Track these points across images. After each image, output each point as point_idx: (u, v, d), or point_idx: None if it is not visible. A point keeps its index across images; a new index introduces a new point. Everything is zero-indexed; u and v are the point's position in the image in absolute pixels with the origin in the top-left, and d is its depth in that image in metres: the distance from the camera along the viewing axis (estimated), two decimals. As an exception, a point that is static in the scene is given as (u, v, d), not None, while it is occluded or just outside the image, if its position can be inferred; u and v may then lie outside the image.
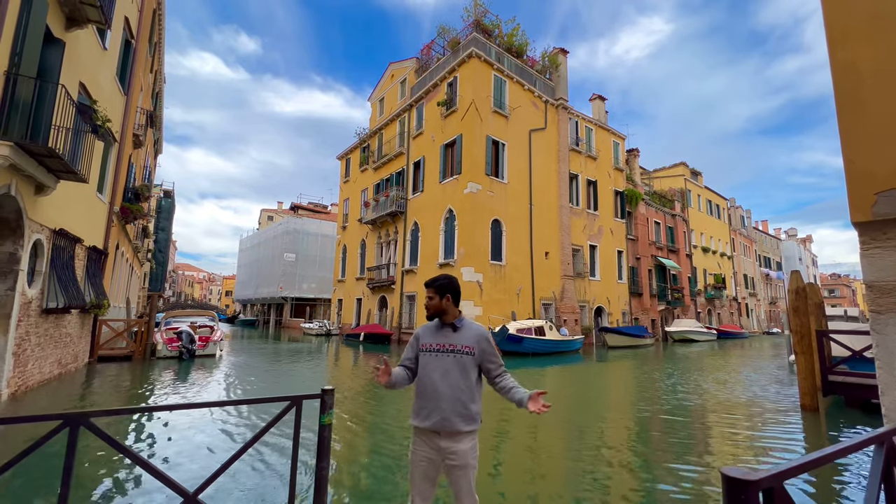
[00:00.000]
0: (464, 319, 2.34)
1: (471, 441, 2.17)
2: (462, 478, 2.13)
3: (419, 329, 2.40)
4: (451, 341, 2.24)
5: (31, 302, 7.23)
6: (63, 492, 1.79)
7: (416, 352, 2.33)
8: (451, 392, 2.16)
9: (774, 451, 5.01)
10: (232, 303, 63.99)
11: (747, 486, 0.95)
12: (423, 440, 2.20)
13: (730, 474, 0.98)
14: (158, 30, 16.25)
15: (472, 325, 2.32)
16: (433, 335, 2.30)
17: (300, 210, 47.87)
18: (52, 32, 6.74)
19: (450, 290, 2.33)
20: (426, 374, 2.24)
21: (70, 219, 8.52)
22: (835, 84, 2.18)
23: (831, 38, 2.21)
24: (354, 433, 5.55)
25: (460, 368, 2.20)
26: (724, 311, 36.75)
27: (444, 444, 2.14)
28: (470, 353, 2.22)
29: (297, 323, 33.82)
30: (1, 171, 5.81)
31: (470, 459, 2.15)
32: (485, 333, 2.30)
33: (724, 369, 13.02)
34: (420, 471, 2.19)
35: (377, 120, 27.60)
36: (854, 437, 1.24)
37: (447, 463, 2.15)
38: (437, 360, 2.23)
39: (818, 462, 1.15)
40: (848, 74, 2.13)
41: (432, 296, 2.31)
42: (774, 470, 1.03)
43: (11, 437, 4.96)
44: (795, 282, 7.36)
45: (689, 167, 37.53)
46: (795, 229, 65.37)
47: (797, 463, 1.10)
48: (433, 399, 2.17)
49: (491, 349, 2.28)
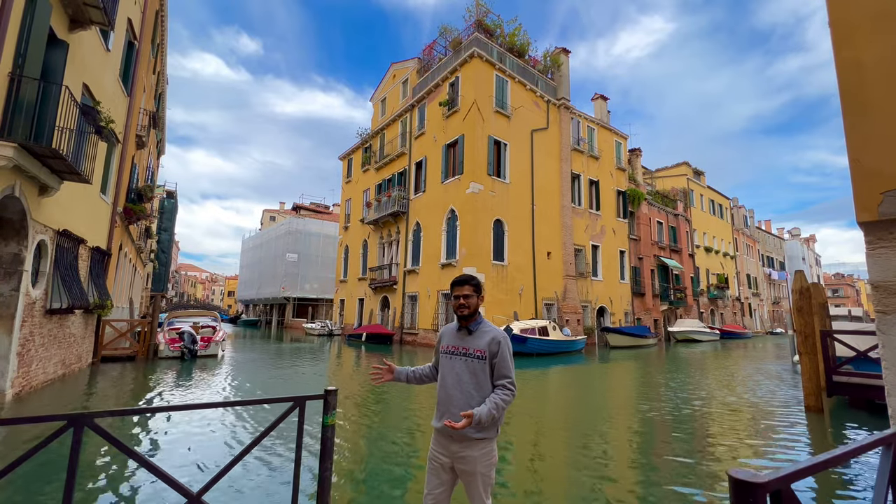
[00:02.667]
0: (482, 322, 2.24)
1: (482, 448, 2.08)
2: (471, 484, 2.08)
3: (443, 329, 2.36)
4: (465, 345, 2.19)
5: (35, 302, 7.26)
6: (67, 492, 1.80)
7: (438, 353, 2.31)
8: (461, 396, 2.11)
9: (779, 453, 4.99)
10: (234, 303, 64.12)
11: (755, 489, 0.95)
12: (439, 441, 2.19)
13: (737, 477, 0.97)
14: (161, 31, 16.31)
15: (488, 329, 2.21)
16: (452, 337, 2.25)
17: (302, 210, 47.95)
18: (56, 34, 6.77)
19: (481, 289, 2.27)
20: (443, 377, 2.22)
21: (74, 219, 8.55)
22: (840, 83, 2.17)
23: (836, 37, 2.19)
24: (357, 433, 5.55)
25: (471, 373, 2.14)
26: (727, 311, 36.63)
27: (455, 448, 2.10)
28: (482, 358, 2.13)
29: (299, 323, 33.87)
30: (5, 172, 5.84)
31: (479, 467, 2.07)
32: (498, 337, 2.16)
33: (728, 370, 12.97)
34: (433, 472, 2.17)
35: (379, 120, 27.63)
36: (861, 438, 1.23)
37: (458, 467, 2.11)
38: (451, 362, 2.20)
39: (826, 464, 1.15)
40: (854, 73, 2.12)
41: (470, 294, 2.20)
42: (782, 472, 1.02)
43: (16, 437, 4.98)
44: (799, 282, 7.32)
45: (691, 167, 37.42)
46: (799, 229, 65.10)
47: (805, 465, 1.09)
48: (445, 402, 2.15)
49: (502, 356, 2.12)
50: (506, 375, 2.11)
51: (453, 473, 2.14)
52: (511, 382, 2.11)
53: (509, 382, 2.10)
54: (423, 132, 22.21)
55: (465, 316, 2.20)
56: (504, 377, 2.11)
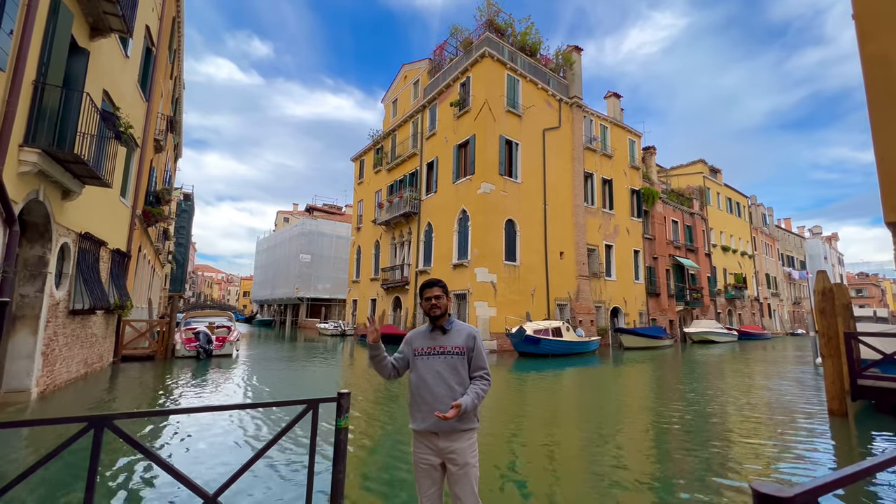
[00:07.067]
0: (453, 321, 2.37)
1: (469, 439, 2.20)
2: (464, 478, 2.15)
3: (410, 333, 2.43)
4: (442, 344, 2.29)
5: (58, 303, 7.47)
6: (88, 492, 1.83)
7: (407, 355, 2.36)
8: (445, 392, 2.20)
9: (801, 460, 4.84)
10: (249, 303, 65.12)
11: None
12: (422, 443, 2.24)
13: (761, 490, 0.93)
14: (178, 37, 16.64)
15: (461, 326, 2.36)
16: (424, 339, 2.34)
17: (315, 211, 48.46)
18: (77, 42, 6.96)
19: (448, 291, 2.43)
20: (420, 378, 2.27)
21: (95, 222, 8.78)
22: (865, 78, 2.09)
23: (862, 31, 2.12)
24: (370, 435, 5.57)
25: (452, 369, 2.24)
26: (745, 311, 35.82)
27: (443, 444, 2.18)
28: (461, 354, 2.27)
29: (312, 323, 34.23)
30: (29, 177, 6.02)
31: (469, 458, 2.17)
32: (473, 332, 2.33)
33: (747, 372, 12.68)
34: (424, 474, 2.22)
35: (390, 121, 27.75)
36: (893, 448, 1.17)
37: (448, 465, 2.18)
38: (429, 362, 2.27)
39: (855, 476, 1.09)
40: (880, 68, 2.04)
41: (441, 294, 2.33)
42: (809, 486, 0.97)
43: (40, 435, 5.12)
44: (822, 282, 7.10)
45: (707, 164, 36.69)
46: (820, 227, 63.32)
47: (833, 478, 1.04)
48: (428, 401, 2.20)
49: (478, 349, 2.29)
50: (482, 367, 2.28)
51: (442, 471, 2.22)
52: (487, 373, 2.29)
53: (486, 373, 2.28)
54: (434, 133, 22.22)
55: (437, 316, 2.32)
56: (480, 369, 2.28)
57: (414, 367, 2.32)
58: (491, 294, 17.64)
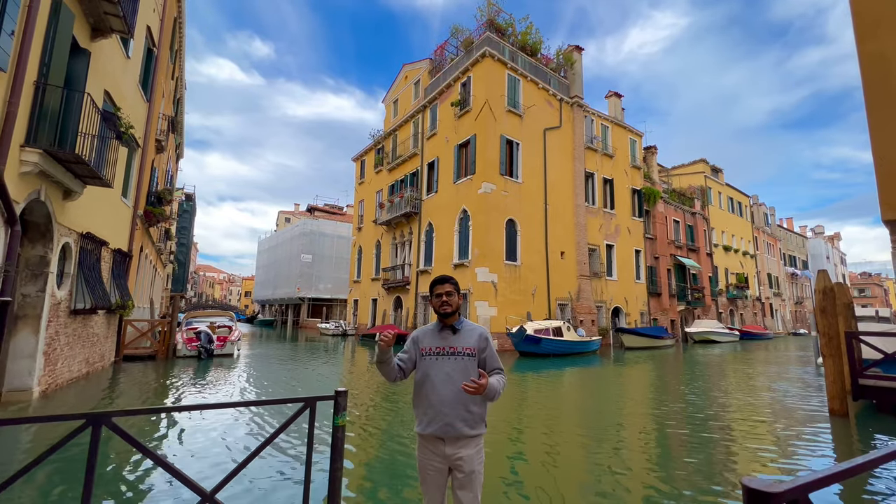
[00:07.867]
0: (463, 321, 2.28)
1: (476, 445, 2.11)
2: (469, 484, 2.07)
3: (417, 332, 2.31)
4: (452, 344, 2.18)
5: (60, 303, 7.49)
6: (86, 489, 1.84)
7: (413, 355, 2.25)
8: (454, 396, 2.09)
9: (801, 459, 4.84)
10: (251, 303, 65.23)
11: (769, 499, 0.91)
12: (428, 448, 2.15)
13: (751, 486, 0.93)
14: (179, 37, 16.68)
15: (472, 326, 2.27)
16: (433, 338, 2.22)
17: (316, 211, 48.52)
18: (78, 42, 6.98)
19: (460, 288, 2.33)
20: (427, 379, 2.16)
21: (96, 222, 8.81)
22: (863, 77, 2.09)
23: (860, 30, 2.12)
24: (368, 433, 5.58)
25: (462, 370, 2.13)
26: (746, 311, 35.73)
27: (450, 451, 2.09)
28: (472, 355, 2.17)
29: (313, 323, 34.26)
30: (31, 177, 6.04)
31: (476, 465, 2.09)
32: (485, 333, 2.25)
33: (748, 371, 12.65)
34: (430, 479, 2.13)
35: (391, 121, 27.77)
36: (888, 446, 1.18)
37: (454, 472, 2.10)
38: (439, 363, 2.16)
39: (847, 473, 1.09)
40: (878, 67, 2.04)
41: (452, 291, 2.24)
42: (799, 481, 0.98)
43: (41, 434, 5.15)
44: (822, 281, 7.09)
45: (709, 164, 36.61)
46: (822, 226, 63.10)
47: (823, 474, 1.04)
48: (436, 404, 2.10)
49: (490, 350, 2.23)
50: (498, 368, 2.22)
51: (448, 475, 2.15)
52: (503, 373, 2.23)
53: (502, 374, 2.23)
54: (435, 133, 22.23)
55: (447, 314, 2.22)
56: (497, 369, 2.21)
57: (420, 367, 2.21)
58: (492, 294, 17.64)
